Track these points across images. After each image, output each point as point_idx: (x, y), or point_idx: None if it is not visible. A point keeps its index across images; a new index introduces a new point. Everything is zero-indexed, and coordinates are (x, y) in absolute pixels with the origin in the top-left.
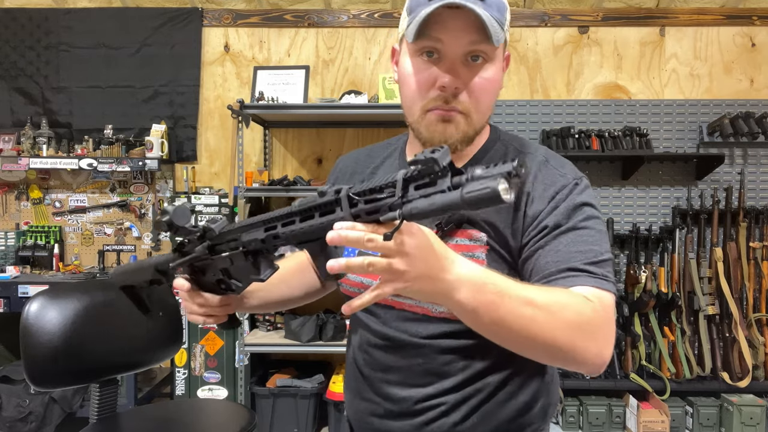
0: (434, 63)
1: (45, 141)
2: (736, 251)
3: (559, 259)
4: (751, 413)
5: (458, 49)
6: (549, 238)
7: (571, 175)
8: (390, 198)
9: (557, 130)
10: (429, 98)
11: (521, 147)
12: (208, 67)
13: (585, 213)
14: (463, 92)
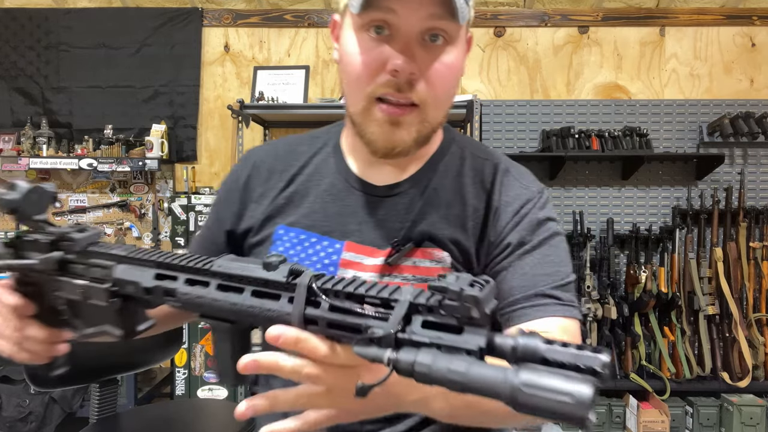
0: (384, 41)
1: (45, 141)
2: (736, 251)
3: (526, 283)
4: (751, 413)
5: (415, 23)
6: (513, 258)
7: (534, 187)
8: (377, 320)
9: (557, 130)
10: (377, 84)
11: (479, 152)
12: (208, 67)
13: (549, 229)
14: (419, 80)
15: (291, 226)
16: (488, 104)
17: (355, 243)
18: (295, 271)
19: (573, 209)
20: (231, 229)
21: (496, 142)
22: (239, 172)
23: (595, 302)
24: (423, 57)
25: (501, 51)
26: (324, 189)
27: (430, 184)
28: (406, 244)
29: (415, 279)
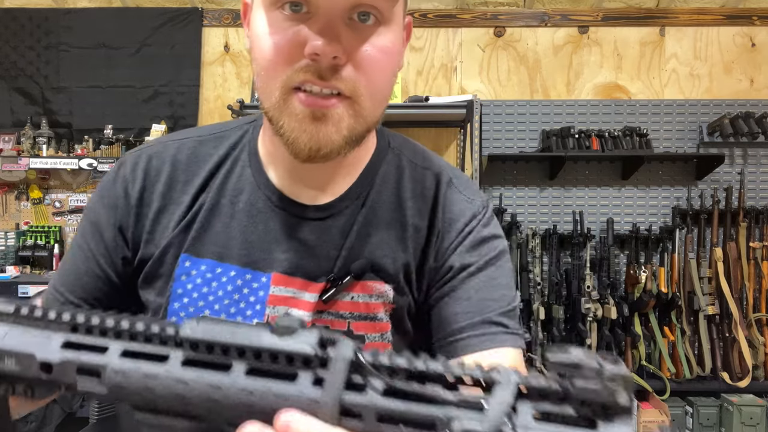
0: (301, 19)
1: (45, 141)
2: (736, 251)
3: (471, 309)
4: (751, 413)
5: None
6: (456, 282)
7: (478, 200)
8: (463, 409)
9: (557, 130)
10: (294, 70)
11: (418, 159)
12: (208, 67)
13: (495, 248)
14: (346, 65)
15: (200, 256)
16: (488, 104)
17: (284, 275)
18: (329, 340)
19: (573, 209)
20: (121, 258)
21: (496, 142)
22: (126, 182)
23: (595, 302)
24: (349, 38)
25: (501, 51)
26: (241, 208)
27: (367, 201)
28: (344, 278)
29: (352, 317)
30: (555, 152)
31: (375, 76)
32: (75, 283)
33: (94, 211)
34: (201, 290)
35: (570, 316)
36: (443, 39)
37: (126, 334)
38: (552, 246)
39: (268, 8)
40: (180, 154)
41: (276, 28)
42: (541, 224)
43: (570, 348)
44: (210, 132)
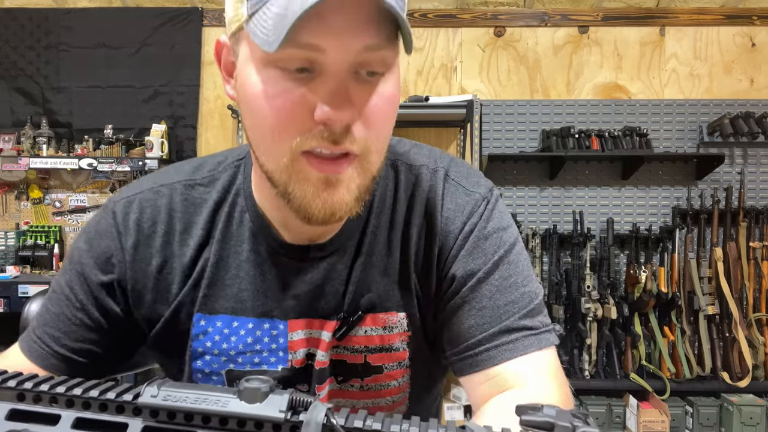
0: (305, 80)
1: (45, 141)
2: (736, 251)
3: (486, 320)
4: (751, 413)
5: (347, 59)
6: (466, 292)
7: (479, 190)
8: None
9: (557, 130)
10: (305, 136)
11: (413, 159)
12: (208, 67)
13: (503, 243)
14: (357, 123)
15: (213, 313)
16: (488, 104)
17: (298, 320)
18: (300, 403)
19: (573, 209)
20: (115, 310)
21: (496, 142)
22: (120, 235)
23: (595, 302)
24: (358, 93)
25: (501, 51)
26: (245, 258)
27: (367, 229)
28: (354, 314)
29: (367, 350)
30: (555, 152)
31: (383, 128)
32: (63, 332)
33: (82, 263)
34: (221, 346)
35: (570, 315)
36: (443, 39)
37: (79, 401)
38: (552, 246)
39: (262, 65)
40: (173, 202)
41: (277, 90)
42: (541, 224)
43: (543, 407)
44: (200, 175)
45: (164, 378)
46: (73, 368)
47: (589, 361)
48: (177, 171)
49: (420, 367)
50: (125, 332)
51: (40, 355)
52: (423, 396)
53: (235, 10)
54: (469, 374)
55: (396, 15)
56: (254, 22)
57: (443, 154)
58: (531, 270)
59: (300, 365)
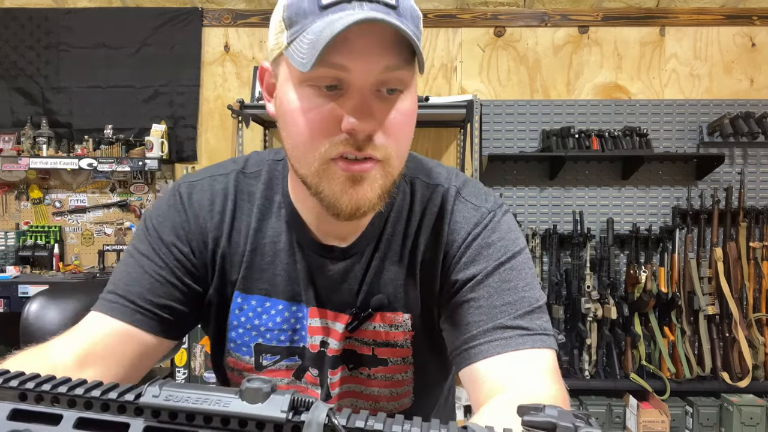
0: (335, 96)
1: (45, 141)
2: (736, 251)
3: (483, 317)
4: (751, 413)
5: (370, 78)
6: (465, 292)
7: (486, 205)
8: None
9: (557, 130)
10: (333, 143)
11: (429, 178)
12: (208, 67)
13: (505, 251)
14: (378, 133)
15: (249, 293)
16: (488, 104)
17: (317, 308)
18: (301, 403)
19: (573, 209)
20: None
21: (496, 142)
22: (181, 211)
23: (595, 302)
24: (380, 108)
25: (501, 51)
26: (281, 248)
27: (383, 237)
28: (364, 312)
29: (375, 344)
30: (555, 152)
31: (402, 139)
32: (146, 289)
33: (159, 231)
34: (253, 322)
35: (570, 316)
36: (443, 39)
37: (81, 401)
38: (552, 246)
39: (299, 84)
40: (228, 187)
41: (310, 105)
42: (541, 224)
43: (545, 407)
44: (249, 169)
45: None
46: (157, 323)
47: (589, 361)
48: (230, 163)
49: (423, 365)
50: (197, 295)
51: (125, 312)
52: (427, 392)
53: (277, 39)
54: (464, 368)
55: (411, 41)
56: (292, 48)
57: (459, 174)
58: (535, 279)
59: (314, 351)
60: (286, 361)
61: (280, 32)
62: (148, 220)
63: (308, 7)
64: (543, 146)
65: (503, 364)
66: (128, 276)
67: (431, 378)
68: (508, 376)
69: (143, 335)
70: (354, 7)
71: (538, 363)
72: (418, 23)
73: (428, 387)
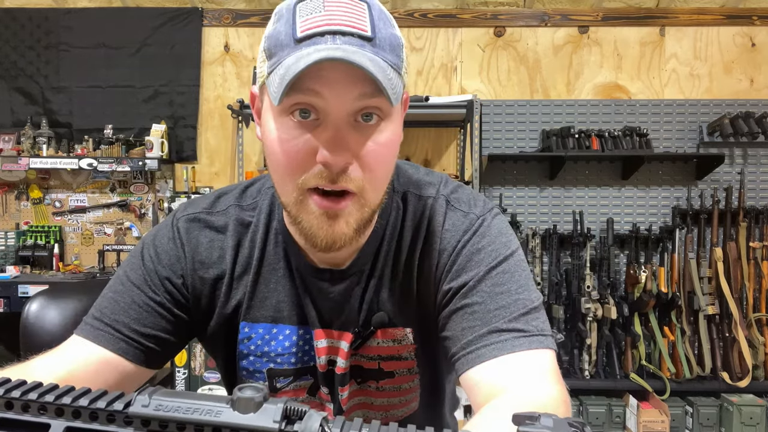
0: (310, 127)
1: (45, 141)
2: (736, 251)
3: (477, 322)
4: (751, 413)
5: (344, 106)
6: (458, 300)
7: (475, 210)
8: None
9: (557, 130)
10: (308, 175)
11: (420, 190)
12: (208, 67)
13: (496, 255)
14: (353, 165)
15: (255, 321)
16: (488, 104)
17: (323, 329)
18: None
19: (573, 209)
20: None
21: (496, 142)
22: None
23: (595, 302)
24: (355, 140)
25: (501, 51)
26: (282, 275)
27: (379, 255)
28: (366, 330)
29: (381, 358)
30: (555, 152)
31: (378, 170)
32: (133, 319)
33: (153, 262)
34: (263, 349)
35: (570, 315)
36: (443, 39)
37: (69, 410)
38: (552, 246)
39: (278, 115)
40: (228, 223)
41: (287, 136)
42: (541, 224)
43: (541, 417)
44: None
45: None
46: (141, 353)
47: (589, 361)
48: (227, 194)
49: (428, 373)
50: (185, 325)
51: (109, 340)
52: (433, 396)
53: (260, 68)
54: (462, 374)
55: (376, 80)
56: (270, 79)
57: (449, 181)
58: (529, 280)
59: (323, 370)
60: (299, 381)
61: (262, 62)
62: (145, 250)
63: (285, 40)
64: (543, 146)
65: (500, 367)
66: (116, 304)
67: (437, 381)
68: (506, 379)
69: (126, 364)
70: (327, 41)
71: (537, 364)
72: (399, 52)
73: (435, 390)
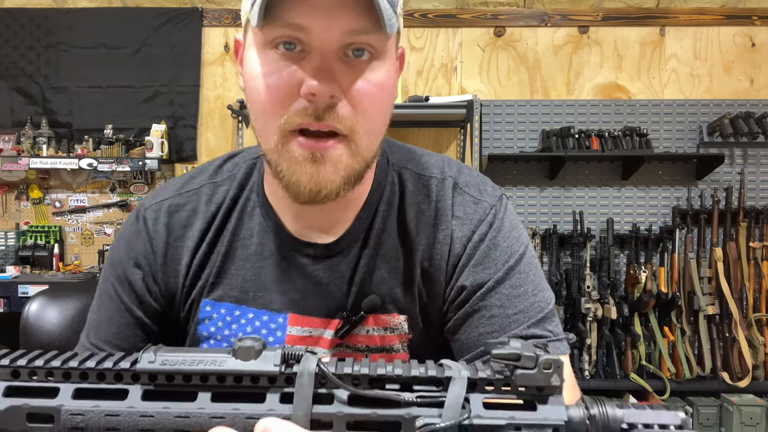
0: (295, 58)
1: (45, 141)
2: (736, 251)
3: (496, 329)
4: (751, 413)
5: (332, 38)
6: (475, 301)
7: (487, 199)
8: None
9: (557, 130)
10: (291, 113)
11: (420, 168)
12: (208, 67)
13: (513, 252)
14: (342, 102)
15: (219, 300)
16: (488, 104)
17: (300, 315)
18: (292, 356)
19: (573, 209)
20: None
21: (496, 142)
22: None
23: (595, 302)
24: (345, 74)
25: (501, 51)
26: (253, 251)
27: (372, 232)
28: (356, 315)
29: (369, 349)
30: (555, 152)
31: (371, 113)
32: (111, 333)
33: (123, 266)
34: (223, 332)
35: (570, 316)
36: (443, 39)
37: (76, 373)
38: (552, 246)
39: (261, 48)
40: (200, 204)
41: (270, 69)
42: (541, 224)
43: (510, 341)
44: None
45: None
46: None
47: (589, 361)
48: (201, 173)
49: None
50: (167, 327)
51: None
52: None
53: (244, 6)
54: None
55: (373, 4)
56: (252, 9)
57: (451, 161)
58: (542, 277)
59: None
60: None
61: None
62: (113, 254)
63: None
64: (543, 146)
65: None
66: (95, 322)
67: None
68: None
69: None
70: None
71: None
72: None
73: None
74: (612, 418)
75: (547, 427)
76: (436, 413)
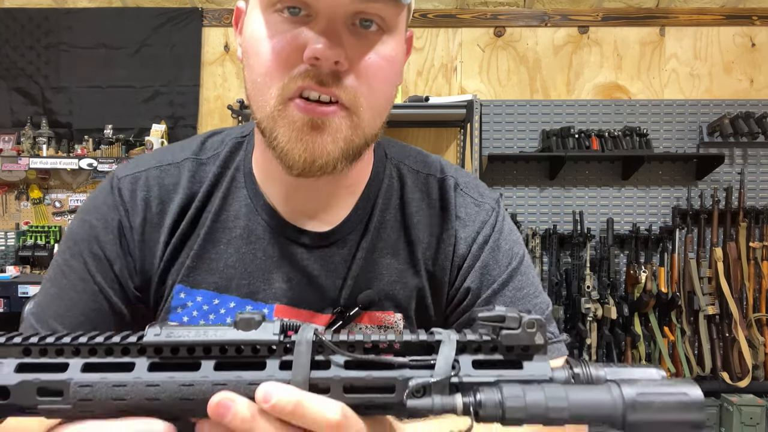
0: (301, 22)
1: (45, 141)
2: (736, 251)
3: None
4: (751, 413)
5: (341, 3)
6: (481, 304)
7: (487, 202)
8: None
9: (557, 130)
10: (292, 76)
11: (419, 166)
12: (208, 67)
13: (515, 254)
14: (348, 72)
15: (195, 287)
16: (488, 104)
17: (288, 306)
18: (290, 326)
19: (573, 209)
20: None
21: (496, 142)
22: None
23: (595, 302)
24: (352, 44)
25: (501, 51)
26: (238, 234)
27: (371, 224)
28: (351, 310)
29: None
30: (555, 152)
31: (377, 87)
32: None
33: (98, 241)
34: (198, 323)
35: (570, 316)
36: (443, 39)
37: (85, 349)
38: (552, 246)
39: (265, 10)
40: (182, 180)
41: (274, 31)
42: (541, 224)
43: (495, 306)
44: (206, 154)
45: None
46: None
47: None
48: (183, 149)
49: None
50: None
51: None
52: None
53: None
54: None
55: None
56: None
57: (449, 163)
58: (538, 279)
59: None
60: None
61: None
62: (82, 227)
63: None
64: (543, 146)
65: None
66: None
67: None
68: None
69: None
70: None
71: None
72: None
73: None
74: (596, 377)
75: (533, 383)
76: (428, 375)
